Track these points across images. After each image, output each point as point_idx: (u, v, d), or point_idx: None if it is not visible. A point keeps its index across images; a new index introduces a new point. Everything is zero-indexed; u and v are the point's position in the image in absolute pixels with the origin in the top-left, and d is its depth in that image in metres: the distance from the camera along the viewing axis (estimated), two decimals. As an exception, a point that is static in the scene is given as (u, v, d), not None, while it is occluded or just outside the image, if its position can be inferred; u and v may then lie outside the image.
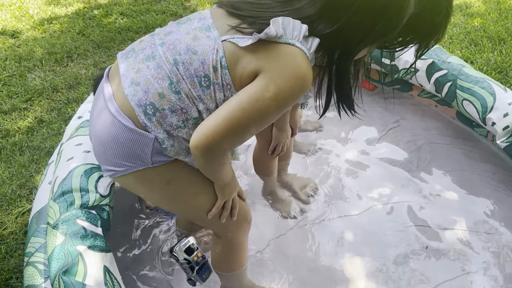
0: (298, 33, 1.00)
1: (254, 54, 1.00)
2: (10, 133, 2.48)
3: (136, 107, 1.06)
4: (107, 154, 1.13)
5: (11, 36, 3.54)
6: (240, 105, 0.99)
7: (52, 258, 1.19)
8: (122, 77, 1.09)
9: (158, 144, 1.09)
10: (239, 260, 1.46)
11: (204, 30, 1.05)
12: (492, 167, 2.00)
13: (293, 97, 1.01)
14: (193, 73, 1.03)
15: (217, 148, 1.04)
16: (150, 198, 1.27)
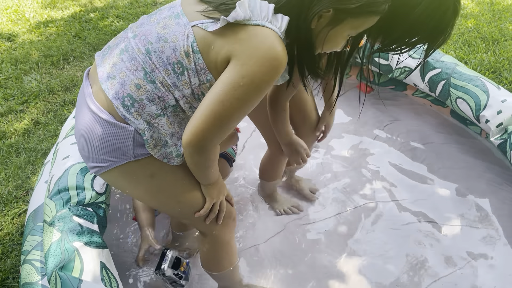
0: (266, 13, 1.00)
1: (225, 39, 1.00)
2: (6, 135, 2.48)
3: (114, 100, 1.06)
4: (90, 151, 1.13)
5: (7, 39, 3.55)
6: (219, 98, 0.99)
7: (48, 255, 1.19)
8: (99, 73, 1.10)
9: (138, 136, 1.09)
10: (228, 259, 1.46)
11: (173, 17, 1.05)
12: (486, 164, 2.02)
13: (269, 78, 1.00)
14: (166, 60, 1.04)
15: (207, 142, 1.05)
16: (135, 193, 1.24)
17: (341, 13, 1.02)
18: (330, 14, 1.01)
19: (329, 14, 1.01)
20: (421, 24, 1.15)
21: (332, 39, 1.07)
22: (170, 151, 1.14)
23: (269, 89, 1.11)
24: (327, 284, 1.61)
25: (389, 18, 1.14)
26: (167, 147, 1.13)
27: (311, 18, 1.02)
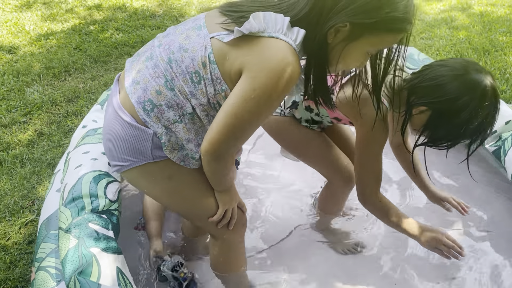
0: (281, 25, 1.02)
1: (239, 50, 1.04)
2: (10, 146, 2.51)
3: (136, 104, 1.12)
4: (113, 150, 1.20)
5: (8, 51, 3.59)
6: (232, 111, 1.04)
7: (66, 261, 1.23)
8: (126, 78, 1.17)
9: (157, 139, 1.14)
10: (236, 262, 1.51)
11: (195, 29, 1.11)
12: (481, 170, 2.09)
13: (280, 91, 1.03)
14: (185, 69, 1.09)
15: (223, 152, 1.12)
16: (153, 193, 1.31)
17: (358, 28, 1.03)
18: (347, 29, 1.03)
19: (346, 29, 1.03)
20: (466, 126, 1.28)
21: (349, 55, 1.08)
22: (186, 153, 1.20)
23: (281, 101, 1.14)
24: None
25: (436, 117, 1.29)
26: (183, 149, 1.19)
27: (327, 31, 1.03)
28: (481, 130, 1.31)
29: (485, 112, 1.28)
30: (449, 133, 1.32)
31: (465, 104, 1.25)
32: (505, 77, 3.00)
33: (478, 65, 1.32)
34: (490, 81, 1.28)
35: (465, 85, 1.26)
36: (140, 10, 4.38)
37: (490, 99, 1.27)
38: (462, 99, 1.25)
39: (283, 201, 2.03)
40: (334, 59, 1.09)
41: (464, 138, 1.33)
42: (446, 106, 1.28)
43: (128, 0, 4.63)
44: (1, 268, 1.82)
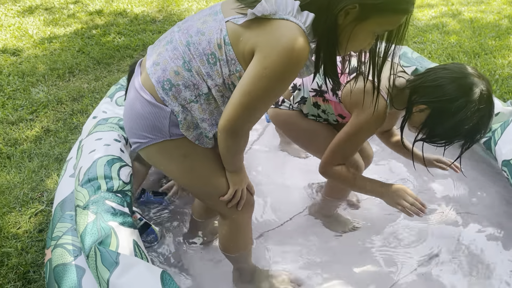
0: (291, 8, 1.09)
1: (252, 31, 1.11)
2: (18, 142, 2.59)
3: (156, 83, 1.21)
4: (134, 128, 1.28)
5: (12, 54, 3.67)
6: (246, 89, 1.13)
7: (85, 234, 1.31)
8: (147, 61, 1.26)
9: (174, 117, 1.23)
10: (244, 241, 1.58)
11: (212, 15, 1.20)
12: (473, 162, 2.20)
13: (290, 69, 1.10)
14: (202, 51, 1.17)
15: (239, 128, 1.20)
16: (168, 170, 1.39)
17: (367, 9, 1.10)
18: (356, 10, 1.09)
19: (355, 10, 1.09)
20: (461, 126, 1.40)
21: (357, 35, 1.14)
22: (201, 132, 1.28)
23: (291, 81, 1.20)
24: (335, 268, 1.74)
25: (434, 116, 1.41)
26: (198, 128, 1.27)
27: (338, 13, 1.09)
28: (476, 131, 1.43)
29: (480, 114, 1.39)
30: (446, 131, 1.43)
31: (461, 105, 1.37)
32: (495, 78, 3.13)
33: (476, 71, 1.44)
34: (487, 86, 1.40)
35: (463, 87, 1.38)
36: (141, 16, 4.49)
37: (485, 103, 1.39)
38: (459, 101, 1.37)
39: (285, 188, 2.12)
40: (344, 39, 1.15)
41: (459, 137, 1.45)
42: (444, 106, 1.39)
43: (129, 6, 4.75)
44: (13, 254, 1.88)
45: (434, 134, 1.47)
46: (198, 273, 1.71)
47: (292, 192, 2.12)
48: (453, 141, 1.47)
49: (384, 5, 1.09)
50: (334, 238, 1.89)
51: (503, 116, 1.97)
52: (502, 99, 2.87)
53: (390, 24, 1.17)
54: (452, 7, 4.55)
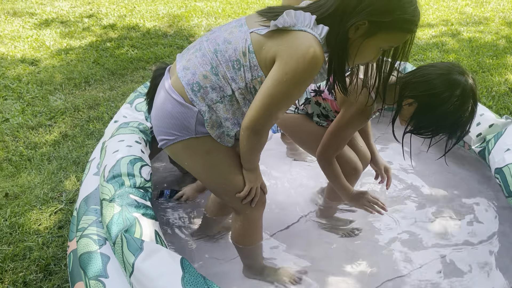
0: (309, 21, 1.24)
1: (273, 41, 1.26)
2: (38, 145, 2.73)
3: (186, 86, 1.36)
4: (162, 126, 1.42)
5: (31, 63, 3.85)
6: (267, 92, 1.27)
7: (112, 223, 1.44)
8: (178, 66, 1.41)
9: (200, 116, 1.37)
10: (254, 236, 1.71)
11: (238, 26, 1.35)
12: (467, 170, 2.34)
13: (307, 75, 1.24)
14: (228, 58, 1.32)
15: (261, 127, 1.34)
16: (192, 166, 1.51)
17: (375, 26, 1.24)
18: (365, 26, 1.24)
19: (365, 26, 1.24)
20: (444, 119, 1.53)
21: (365, 49, 1.29)
22: (223, 131, 1.42)
23: (307, 86, 1.35)
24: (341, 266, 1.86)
25: (421, 109, 1.54)
26: (221, 127, 1.41)
27: (349, 27, 1.24)
28: (459, 125, 1.55)
29: (463, 108, 1.51)
30: (431, 123, 1.55)
31: (445, 99, 1.49)
32: (491, 94, 3.28)
33: (462, 69, 1.56)
34: (471, 83, 1.52)
35: (447, 82, 1.50)
36: (153, 30, 4.69)
37: (468, 98, 1.51)
38: (444, 94, 1.49)
39: (292, 192, 2.26)
40: (353, 52, 1.30)
41: (444, 129, 1.57)
42: (429, 100, 1.52)
43: (141, 21, 4.95)
44: (35, 248, 2.00)
45: (420, 126, 1.58)
46: (206, 268, 1.83)
47: (298, 195, 2.24)
48: (437, 133, 1.58)
49: (390, 23, 1.24)
50: (337, 240, 2.01)
51: (496, 128, 2.11)
52: (498, 114, 3.01)
53: (395, 41, 1.31)
54: (451, 27, 4.73)
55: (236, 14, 5.23)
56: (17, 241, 2.04)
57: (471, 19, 4.99)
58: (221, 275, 1.83)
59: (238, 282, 1.80)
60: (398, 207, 2.18)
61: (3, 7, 5.39)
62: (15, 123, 2.92)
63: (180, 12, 5.32)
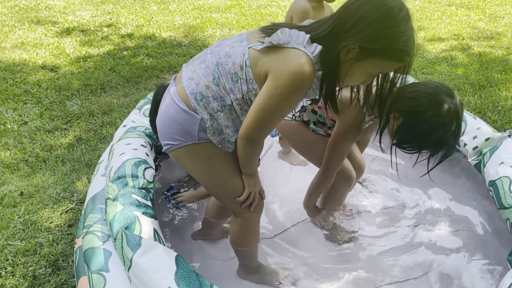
0: (302, 40, 1.30)
1: (267, 56, 1.33)
2: (53, 148, 2.87)
3: (190, 95, 1.45)
4: (167, 131, 1.51)
5: (51, 70, 4.03)
6: (260, 105, 1.35)
7: (114, 221, 1.54)
8: (183, 76, 1.51)
9: (203, 123, 1.46)
10: (252, 238, 1.79)
11: (239, 41, 1.44)
12: (465, 181, 2.38)
13: (296, 90, 1.30)
14: (228, 71, 1.41)
15: (255, 137, 1.43)
16: (194, 170, 1.60)
17: (365, 52, 1.27)
18: (356, 50, 1.27)
19: (355, 50, 1.27)
20: (426, 136, 1.58)
21: (354, 72, 1.33)
22: (224, 137, 1.50)
23: (299, 100, 1.42)
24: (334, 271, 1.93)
25: (405, 124, 1.60)
26: (222, 134, 1.50)
27: (339, 49, 1.29)
28: (441, 144, 1.60)
29: (446, 129, 1.56)
30: (414, 139, 1.61)
31: (428, 117, 1.55)
32: (497, 109, 3.30)
33: (450, 91, 1.61)
34: (456, 105, 1.57)
35: (433, 102, 1.56)
36: (168, 40, 4.84)
37: (451, 119, 1.56)
38: (428, 113, 1.55)
39: (290, 198, 2.33)
40: (342, 73, 1.34)
41: (426, 146, 1.62)
42: (414, 116, 1.58)
43: (157, 31, 5.12)
44: (45, 245, 2.12)
45: (403, 141, 1.64)
46: (205, 268, 1.92)
47: (297, 201, 2.32)
48: (419, 150, 1.64)
49: (380, 51, 1.27)
50: (332, 244, 2.08)
51: (492, 141, 2.15)
52: (503, 129, 3.04)
53: (385, 68, 1.35)
54: (462, 42, 4.76)
55: (249, 26, 5.36)
56: (29, 237, 2.16)
57: (483, 34, 5.01)
58: (220, 275, 1.91)
59: (236, 282, 1.88)
60: (395, 215, 2.24)
61: (28, 16, 5.63)
62: (33, 126, 3.08)
63: (196, 22, 5.48)
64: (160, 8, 6.17)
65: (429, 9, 6.12)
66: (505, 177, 1.89)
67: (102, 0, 6.50)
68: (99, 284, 1.49)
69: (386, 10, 1.24)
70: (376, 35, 1.25)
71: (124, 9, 6.09)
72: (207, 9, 6.19)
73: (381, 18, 1.24)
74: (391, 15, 1.24)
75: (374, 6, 1.24)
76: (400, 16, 1.24)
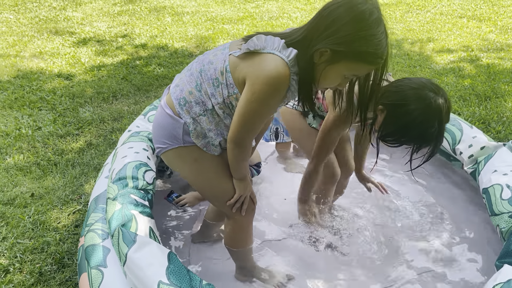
0: (277, 45, 1.36)
1: (245, 62, 1.40)
2: (64, 152, 2.99)
3: (174, 100, 1.55)
4: (157, 135, 1.62)
5: (66, 78, 4.19)
6: (241, 111, 1.43)
7: (112, 219, 1.62)
8: (172, 84, 1.62)
9: (186, 127, 1.54)
10: (245, 239, 1.85)
11: (221, 49, 1.52)
12: (462, 189, 2.41)
13: (272, 94, 1.36)
14: (209, 76, 1.50)
15: (241, 140, 1.51)
16: (183, 172, 1.69)
17: (337, 55, 1.31)
18: (328, 54, 1.32)
19: (328, 54, 1.32)
20: (408, 130, 1.62)
21: (328, 75, 1.37)
22: (208, 141, 1.59)
23: (277, 103, 1.47)
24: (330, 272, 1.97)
25: (388, 116, 1.63)
26: (206, 137, 1.58)
27: (313, 53, 1.34)
28: (423, 139, 1.62)
29: (427, 124, 1.58)
30: (395, 132, 1.64)
31: (410, 111, 1.58)
32: (502, 120, 3.31)
33: (436, 86, 1.63)
34: (440, 101, 1.58)
35: (416, 96, 1.59)
36: (180, 50, 4.98)
37: (433, 115, 1.58)
38: (408, 107, 1.58)
39: (282, 202, 2.42)
40: (317, 76, 1.39)
41: (407, 141, 1.65)
42: (396, 109, 1.61)
43: (170, 41, 5.26)
44: (52, 243, 2.21)
45: (386, 134, 1.66)
46: (202, 268, 1.99)
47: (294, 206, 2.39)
48: (401, 143, 1.66)
49: (352, 54, 1.31)
50: (326, 250, 2.13)
51: (488, 150, 2.18)
52: (507, 139, 3.05)
53: (358, 71, 1.39)
54: (471, 53, 4.77)
55: (260, 37, 5.46)
56: (37, 236, 2.26)
57: (493, 46, 5.01)
58: (217, 276, 1.98)
59: (232, 283, 1.93)
60: (390, 219, 2.28)
61: (47, 26, 5.86)
62: (46, 131, 3.21)
63: (208, 33, 5.61)
64: (174, 20, 6.34)
65: (440, 21, 6.14)
66: (497, 185, 1.93)
67: (118, 12, 6.71)
68: (97, 279, 1.58)
69: (356, 14, 1.28)
70: (347, 38, 1.29)
71: (139, 20, 6.28)
72: (219, 20, 6.33)
73: (352, 22, 1.28)
74: (362, 18, 1.28)
75: (346, 10, 1.29)
76: (371, 20, 1.28)
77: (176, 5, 7.28)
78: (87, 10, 6.82)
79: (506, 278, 1.44)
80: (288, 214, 2.31)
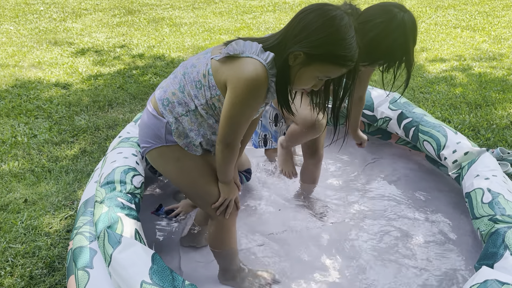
0: (255, 49, 1.43)
1: (225, 66, 1.48)
2: (59, 159, 3.04)
3: (158, 101, 1.62)
4: (142, 135, 1.69)
5: (63, 87, 4.25)
6: (226, 114, 1.50)
7: (99, 221, 1.66)
8: (158, 87, 1.69)
9: (168, 126, 1.60)
10: (228, 240, 1.87)
11: (204, 54, 1.60)
12: (445, 194, 2.44)
13: (253, 95, 1.44)
14: (192, 79, 1.56)
15: (230, 140, 1.56)
16: (166, 171, 1.73)
17: (309, 57, 1.39)
18: (302, 56, 1.39)
19: (301, 56, 1.39)
20: (376, 45, 1.69)
21: (302, 76, 1.45)
22: (189, 141, 1.64)
23: (259, 104, 1.54)
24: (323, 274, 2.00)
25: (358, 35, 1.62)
26: (188, 137, 1.63)
27: (287, 56, 1.41)
28: (390, 54, 1.70)
29: (393, 37, 1.67)
30: (365, 47, 1.60)
31: (375, 24, 1.67)
32: (492, 127, 3.35)
33: (403, 7, 1.73)
34: (405, 16, 1.69)
35: (380, 11, 1.71)
36: (177, 60, 5.05)
37: (397, 27, 1.67)
38: (375, 21, 1.68)
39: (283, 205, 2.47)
40: (292, 78, 1.46)
41: (377, 57, 1.73)
42: (364, 26, 1.65)
43: (167, 52, 5.34)
44: (43, 248, 2.25)
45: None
46: (190, 271, 2.01)
47: (289, 209, 2.43)
48: (372, 60, 1.74)
49: (323, 56, 1.39)
50: (313, 250, 2.16)
51: (471, 155, 2.23)
52: (496, 146, 3.08)
53: (330, 73, 1.45)
54: (463, 62, 4.83)
55: (256, 47, 5.54)
56: (29, 241, 2.29)
57: (485, 55, 5.07)
58: (205, 278, 2.00)
59: (218, 285, 1.96)
60: (379, 221, 2.31)
61: (46, 37, 5.95)
62: (42, 139, 3.26)
63: (205, 44, 5.70)
64: (172, 30, 6.44)
65: (434, 31, 6.22)
66: (479, 189, 1.97)
67: (117, 23, 6.81)
68: (83, 280, 1.61)
69: (328, 19, 1.37)
70: (318, 41, 1.38)
71: (137, 31, 6.38)
72: (216, 31, 6.42)
73: (323, 26, 1.37)
74: (332, 23, 1.37)
75: (318, 15, 1.38)
76: (342, 24, 1.37)
77: (175, 16, 7.39)
78: (86, 21, 6.93)
79: (483, 278, 1.47)
80: (276, 215, 2.35)
